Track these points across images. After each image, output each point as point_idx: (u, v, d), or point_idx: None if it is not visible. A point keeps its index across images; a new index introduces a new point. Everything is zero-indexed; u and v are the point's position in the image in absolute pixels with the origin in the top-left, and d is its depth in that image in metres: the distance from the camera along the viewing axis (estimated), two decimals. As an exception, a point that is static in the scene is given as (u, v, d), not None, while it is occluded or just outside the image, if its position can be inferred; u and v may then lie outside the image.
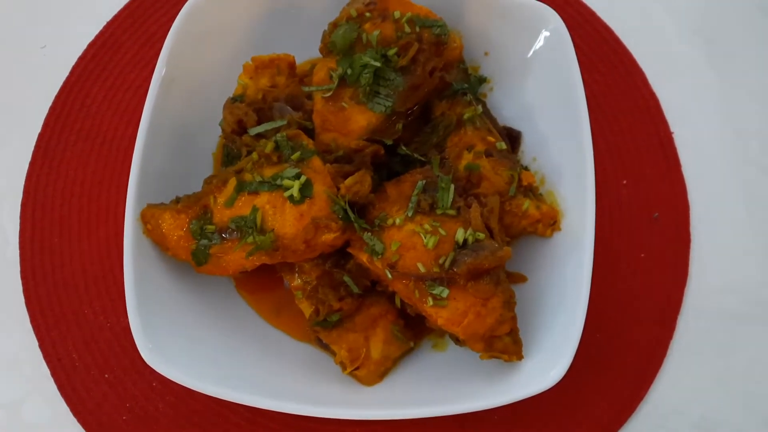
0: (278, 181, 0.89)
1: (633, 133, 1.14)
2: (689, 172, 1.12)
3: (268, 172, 0.90)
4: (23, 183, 1.11)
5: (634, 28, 1.20)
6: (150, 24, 1.18)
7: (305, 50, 1.06)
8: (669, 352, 1.04)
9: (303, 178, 0.88)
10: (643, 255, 1.08)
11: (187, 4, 0.99)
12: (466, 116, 1.00)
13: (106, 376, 1.02)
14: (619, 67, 1.17)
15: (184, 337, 0.92)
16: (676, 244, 1.09)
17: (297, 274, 0.96)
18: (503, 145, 0.99)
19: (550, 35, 1.01)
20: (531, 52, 1.04)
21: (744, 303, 1.08)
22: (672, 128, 1.15)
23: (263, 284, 1.02)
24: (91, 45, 1.18)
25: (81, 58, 1.17)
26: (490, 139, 0.99)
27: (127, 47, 1.18)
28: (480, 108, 1.02)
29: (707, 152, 1.14)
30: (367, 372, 0.93)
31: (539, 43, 1.03)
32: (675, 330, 1.05)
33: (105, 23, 1.19)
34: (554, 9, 1.16)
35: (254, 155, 0.92)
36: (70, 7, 1.22)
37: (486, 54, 1.09)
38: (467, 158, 0.98)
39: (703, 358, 1.05)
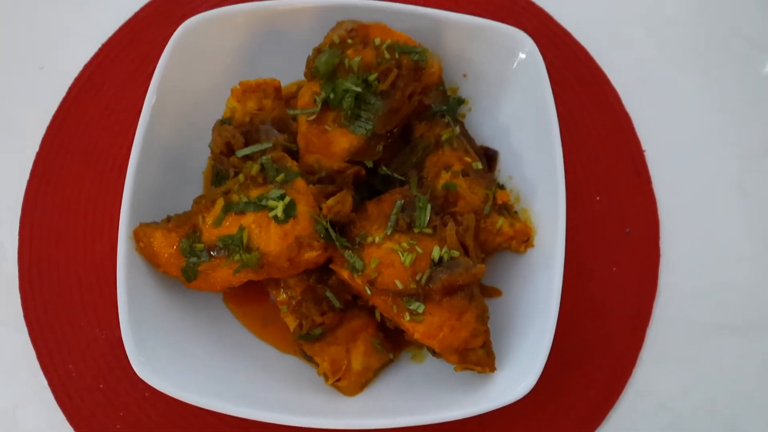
0: (263, 202, 0.93)
1: (606, 151, 1.19)
2: (660, 189, 1.17)
3: (254, 192, 0.95)
4: (22, 200, 1.15)
5: (607, 48, 1.25)
6: (143, 45, 1.23)
7: (292, 72, 1.10)
8: (639, 360, 1.09)
9: (287, 199, 0.93)
10: (615, 269, 1.13)
11: (177, 31, 1.03)
12: (444, 137, 1.05)
13: (101, 386, 1.07)
14: (593, 86, 1.22)
15: (174, 350, 0.96)
16: (646, 258, 1.14)
17: (282, 289, 1.01)
18: (479, 165, 1.04)
19: (525, 58, 1.06)
20: (507, 75, 1.08)
21: (710, 314, 1.12)
22: (643, 146, 1.19)
23: (250, 298, 1.07)
24: (87, 66, 1.22)
25: (77, 79, 1.22)
26: (467, 159, 1.04)
27: (122, 68, 1.22)
28: (457, 129, 1.06)
29: (676, 169, 1.19)
30: (349, 383, 0.98)
31: (514, 65, 1.07)
32: (644, 340, 1.10)
33: (101, 44, 1.23)
34: (531, 28, 1.22)
35: (241, 177, 0.96)
36: (68, 28, 1.26)
37: (464, 76, 1.13)
38: (445, 177, 1.02)
39: (670, 366, 1.10)
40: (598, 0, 1.29)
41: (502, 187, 1.09)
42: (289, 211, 0.93)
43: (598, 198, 1.16)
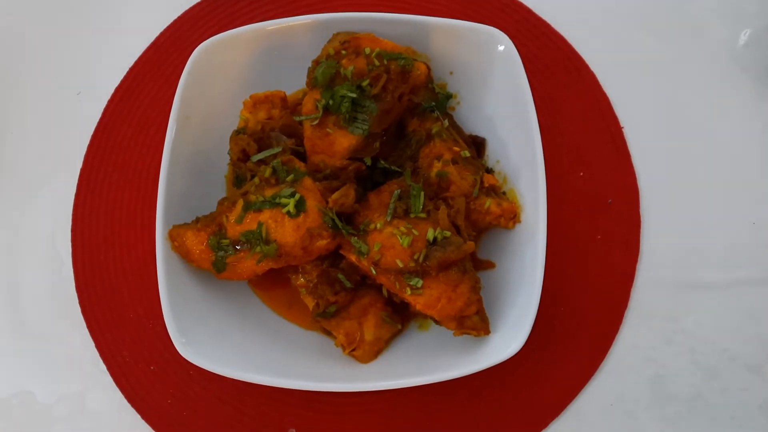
0: (277, 200, 1.06)
1: (587, 130, 1.29)
2: (638, 162, 1.27)
3: (269, 192, 1.08)
4: (71, 212, 1.31)
5: (584, 35, 1.34)
6: (165, 68, 1.37)
7: (296, 81, 1.23)
8: (624, 319, 1.20)
9: (297, 196, 1.06)
10: (599, 237, 1.24)
11: (193, 54, 1.16)
12: (434, 131, 1.17)
13: (152, 368, 1.23)
14: (573, 71, 1.32)
15: (211, 332, 1.10)
16: (628, 226, 1.24)
17: (300, 274, 1.14)
18: (467, 153, 1.16)
19: (502, 54, 1.16)
20: (488, 70, 1.19)
21: (687, 274, 1.23)
22: (621, 123, 1.29)
23: (274, 284, 1.20)
24: (117, 89, 1.37)
25: (110, 101, 1.36)
26: (456, 148, 1.16)
27: (147, 89, 1.36)
28: (446, 122, 1.19)
29: (653, 144, 1.29)
30: (363, 352, 1.11)
31: (494, 62, 1.18)
32: (629, 300, 1.21)
33: (127, 70, 1.38)
34: (513, 23, 1.33)
35: (256, 179, 1.10)
36: (99, 57, 1.41)
37: (451, 73, 1.25)
38: (437, 166, 1.14)
39: (654, 322, 1.21)
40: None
41: (490, 170, 1.21)
42: (300, 206, 1.06)
43: (581, 173, 1.27)
